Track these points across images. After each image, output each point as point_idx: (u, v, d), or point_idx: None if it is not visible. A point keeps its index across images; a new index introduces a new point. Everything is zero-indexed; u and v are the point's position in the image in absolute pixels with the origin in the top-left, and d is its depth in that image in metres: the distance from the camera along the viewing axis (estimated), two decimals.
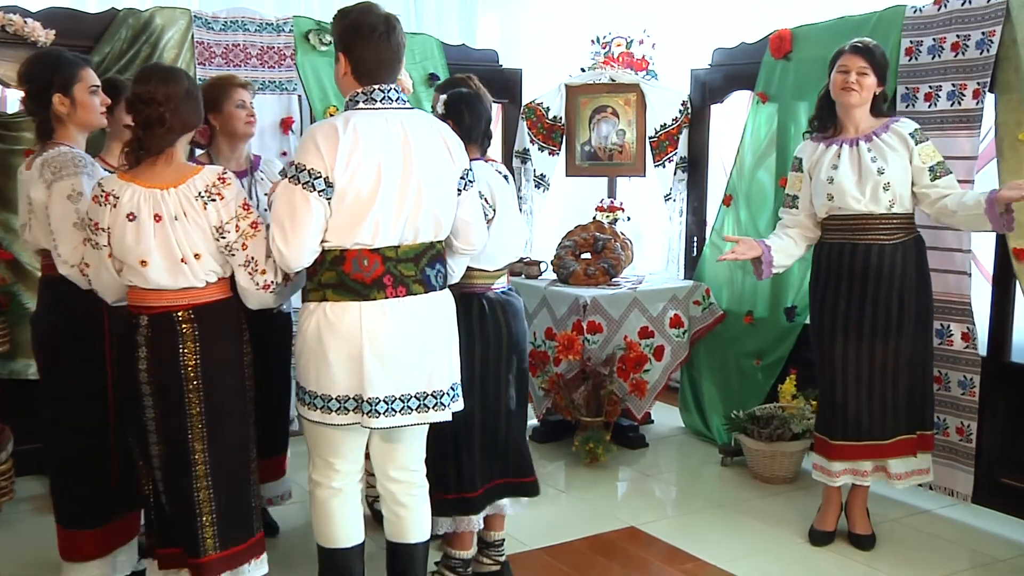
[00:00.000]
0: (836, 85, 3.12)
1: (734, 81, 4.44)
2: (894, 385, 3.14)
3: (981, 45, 3.40)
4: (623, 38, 4.68)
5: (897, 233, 3.12)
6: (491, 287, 2.88)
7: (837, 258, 3.16)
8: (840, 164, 3.14)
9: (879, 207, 3.10)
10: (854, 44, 3.15)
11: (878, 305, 3.11)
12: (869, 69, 3.10)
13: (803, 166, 3.27)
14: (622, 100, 4.64)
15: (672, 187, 4.63)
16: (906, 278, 3.11)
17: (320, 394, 2.38)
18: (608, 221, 4.62)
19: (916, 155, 3.09)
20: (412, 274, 2.38)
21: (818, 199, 3.23)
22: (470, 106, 2.83)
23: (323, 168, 2.26)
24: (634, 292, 4.26)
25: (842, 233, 3.17)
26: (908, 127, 3.13)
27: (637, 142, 4.65)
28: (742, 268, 4.32)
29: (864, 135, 3.16)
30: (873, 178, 3.09)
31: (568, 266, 4.41)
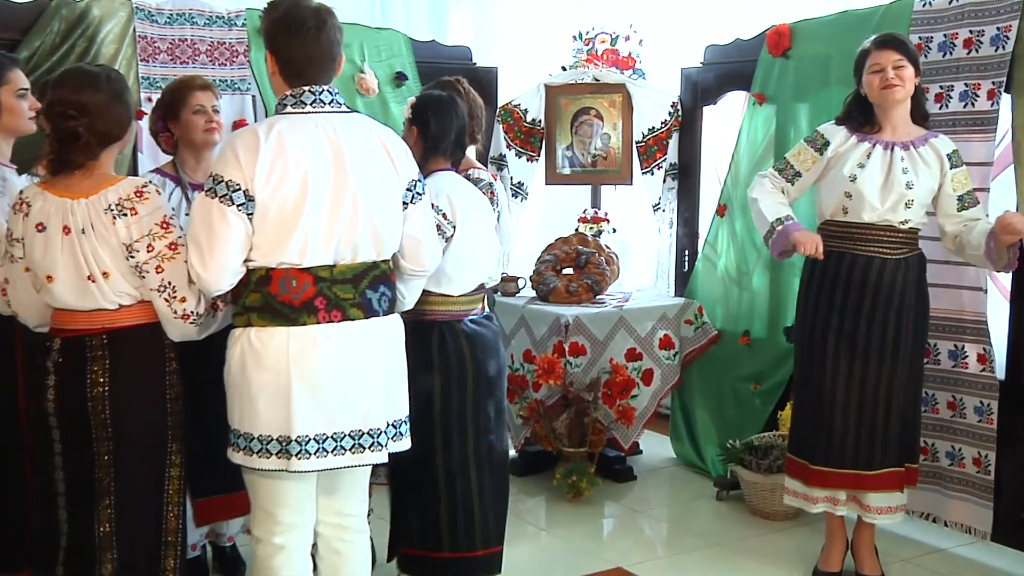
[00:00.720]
0: (874, 87, 3.11)
1: (728, 81, 4.44)
2: (886, 412, 3.14)
3: (996, 41, 3.39)
4: (608, 34, 4.67)
5: (902, 248, 3.14)
6: (455, 315, 2.84)
7: (834, 268, 3.16)
8: (868, 165, 3.12)
9: (894, 220, 3.10)
10: (880, 39, 3.13)
11: (874, 323, 3.11)
12: (905, 60, 3.09)
13: (827, 150, 3.21)
14: (606, 102, 4.64)
15: (661, 196, 4.62)
16: (906, 296, 3.13)
17: (243, 432, 2.31)
18: (592, 233, 4.62)
19: (949, 180, 3.13)
20: (350, 297, 2.33)
21: (830, 196, 3.19)
22: (439, 112, 2.80)
23: (242, 180, 2.22)
24: (620, 311, 4.26)
25: (842, 241, 3.16)
26: (947, 147, 3.16)
27: (623, 147, 4.65)
28: (738, 284, 4.33)
29: (902, 142, 3.15)
30: (899, 190, 3.09)
31: (548, 282, 4.41)
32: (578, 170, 4.73)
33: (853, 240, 3.16)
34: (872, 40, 3.16)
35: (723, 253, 4.37)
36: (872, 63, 3.11)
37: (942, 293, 3.48)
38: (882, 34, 3.18)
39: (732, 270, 4.34)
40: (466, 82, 3.27)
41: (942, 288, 3.47)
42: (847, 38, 3.28)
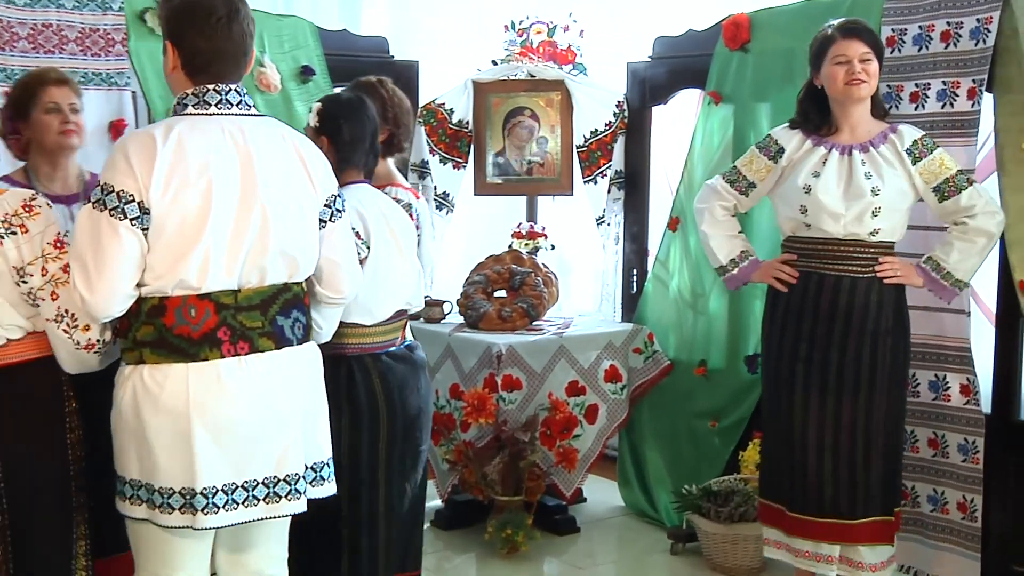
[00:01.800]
0: (837, 81, 3.13)
1: (680, 77, 4.46)
2: (866, 451, 3.16)
3: (976, 35, 3.41)
4: (544, 24, 4.66)
5: (875, 264, 3.16)
6: (369, 348, 2.83)
7: (800, 291, 3.20)
8: (824, 173, 3.14)
9: (861, 231, 3.12)
10: (846, 27, 3.15)
11: (847, 351, 3.14)
12: (872, 54, 3.12)
13: (781, 156, 3.27)
14: (543, 100, 4.65)
15: (606, 208, 4.63)
16: (882, 319, 3.15)
17: (144, 483, 2.27)
18: (527, 251, 4.64)
19: (916, 175, 3.15)
20: (258, 325, 2.30)
21: (786, 210, 3.23)
22: (351, 117, 2.80)
23: (136, 190, 2.18)
24: (560, 339, 4.27)
25: (808, 260, 3.20)
26: (908, 138, 3.18)
27: (562, 152, 4.67)
28: (692, 307, 4.35)
29: (861, 144, 3.17)
30: (864, 199, 3.11)
31: (478, 307, 4.41)
32: (511, 179, 4.75)
33: (819, 258, 3.17)
34: (837, 26, 3.17)
35: (676, 272, 4.38)
36: (836, 53, 3.12)
37: (921, 317, 3.48)
38: (848, 20, 3.19)
39: (686, 291, 4.35)
40: (390, 83, 3.24)
41: (921, 311, 3.47)
42: (812, 30, 3.29)
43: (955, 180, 3.14)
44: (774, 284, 3.26)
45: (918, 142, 3.16)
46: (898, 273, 3.15)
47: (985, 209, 3.13)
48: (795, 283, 3.21)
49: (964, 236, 3.14)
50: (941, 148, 3.18)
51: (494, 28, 4.80)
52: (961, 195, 3.13)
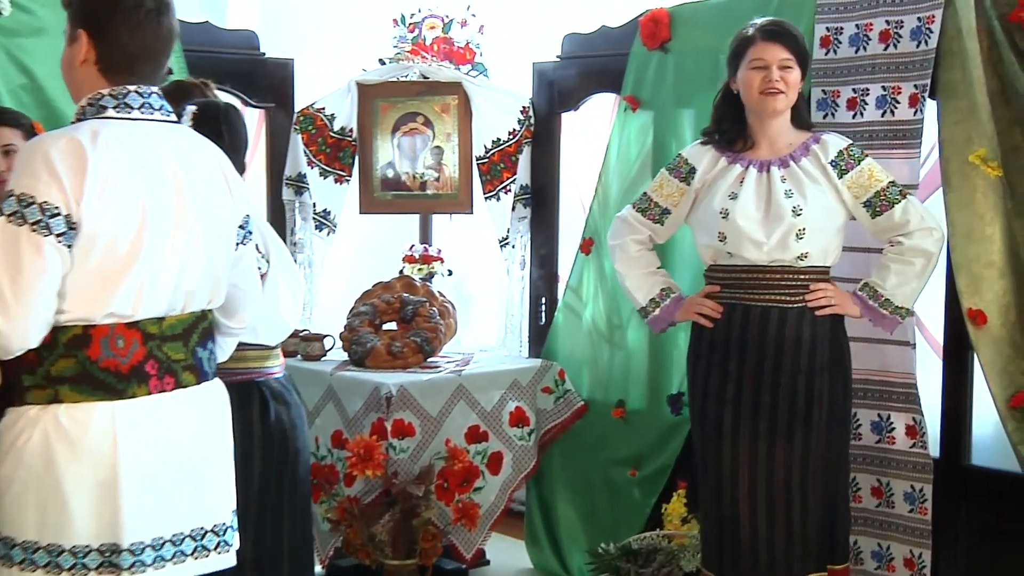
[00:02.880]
0: (752, 88, 3.15)
1: (593, 80, 4.48)
2: (803, 502, 3.17)
3: (917, 35, 3.45)
4: (439, 18, 4.68)
5: (805, 292, 3.18)
6: (270, 371, 2.94)
7: (725, 324, 3.22)
8: (741, 194, 3.16)
9: (787, 257, 3.14)
10: (768, 28, 3.17)
11: (779, 390, 3.16)
12: (794, 61, 3.14)
13: (693, 177, 3.29)
14: (438, 106, 4.66)
15: (510, 228, 4.65)
16: (816, 354, 3.17)
17: (46, 544, 2.19)
18: (421, 277, 4.66)
19: (844, 190, 3.18)
20: (181, 357, 2.31)
21: (704, 236, 3.25)
22: (232, 123, 2.87)
23: (63, 202, 2.12)
24: (459, 377, 4.26)
25: (732, 290, 3.22)
26: (832, 149, 3.20)
27: (460, 165, 4.68)
28: (609, 340, 4.36)
29: (780, 158, 3.20)
30: (785, 220, 3.12)
31: (364, 341, 4.37)
32: (402, 195, 4.75)
33: (743, 288, 3.19)
34: (758, 27, 3.20)
35: (590, 301, 4.38)
36: (754, 57, 3.15)
37: (862, 349, 3.50)
38: (771, 21, 3.22)
39: (602, 323, 4.35)
40: (214, 86, 3.21)
41: (862, 343, 3.49)
42: (739, 27, 3.30)
43: (887, 193, 3.17)
44: (699, 320, 3.26)
45: (844, 152, 3.18)
46: (832, 301, 3.16)
47: (921, 225, 3.16)
48: (719, 317, 3.21)
49: (900, 257, 3.16)
50: (870, 158, 3.22)
51: (381, 22, 4.78)
52: (894, 209, 3.16)
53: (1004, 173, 3.26)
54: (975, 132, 3.32)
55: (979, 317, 3.32)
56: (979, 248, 3.32)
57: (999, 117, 3.27)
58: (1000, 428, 3.32)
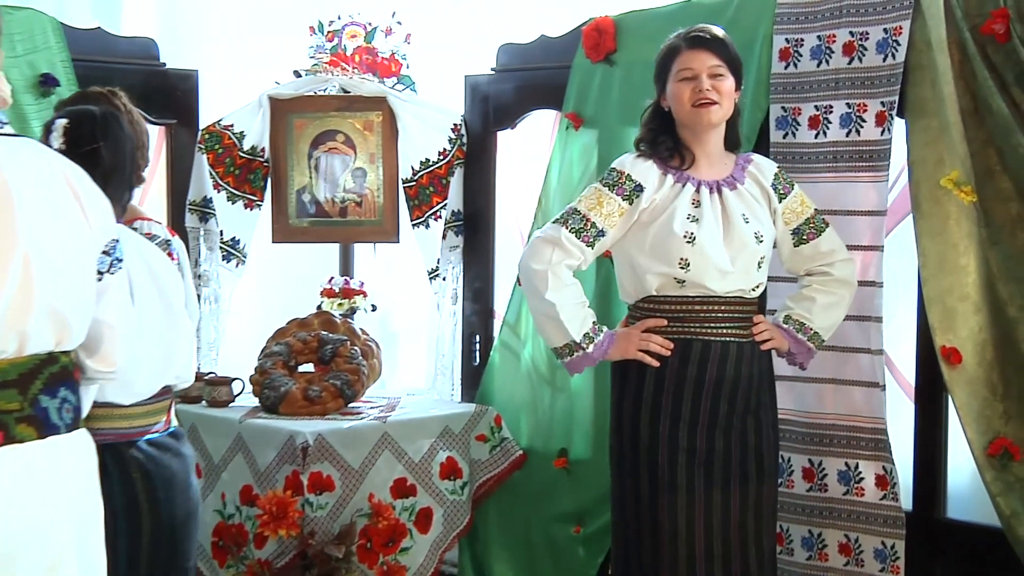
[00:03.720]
0: (683, 101, 3.16)
1: (531, 95, 4.50)
2: (758, 552, 3.20)
3: (884, 48, 3.50)
4: (360, 26, 4.67)
5: (751, 325, 3.23)
6: (126, 434, 2.83)
7: (679, 363, 3.18)
8: (703, 218, 3.14)
9: (746, 287, 3.17)
10: (692, 35, 3.18)
11: (731, 434, 3.17)
12: (725, 68, 3.15)
13: (640, 196, 3.18)
14: (360, 123, 4.66)
15: (440, 258, 4.64)
16: (761, 393, 3.22)
17: None
18: (341, 313, 4.63)
19: (780, 217, 3.24)
20: (15, 407, 2.21)
21: (656, 263, 3.17)
22: (109, 136, 2.81)
23: None
24: (384, 424, 4.23)
25: (683, 324, 3.18)
26: (767, 173, 3.25)
27: (385, 189, 4.68)
28: (550, 382, 4.36)
29: (725, 179, 3.21)
30: (749, 247, 3.14)
31: (278, 385, 4.34)
32: (320, 221, 4.74)
33: (699, 321, 3.16)
34: (682, 35, 3.21)
35: (529, 338, 4.38)
36: (681, 67, 3.16)
37: (828, 392, 3.52)
38: (696, 28, 3.22)
39: (542, 363, 4.35)
40: (124, 96, 3.17)
41: (828, 384, 3.51)
42: None
43: (815, 221, 3.27)
44: (644, 359, 3.17)
45: (779, 175, 3.27)
46: (773, 335, 3.22)
47: (843, 255, 3.28)
48: (668, 355, 3.17)
49: (826, 288, 3.25)
50: (795, 183, 3.30)
51: (297, 30, 4.77)
52: (821, 239, 3.25)
53: (978, 198, 3.30)
54: (947, 153, 3.36)
55: (953, 356, 3.34)
56: (952, 280, 3.36)
57: (972, 137, 3.31)
58: (977, 478, 3.34)
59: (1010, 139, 3.23)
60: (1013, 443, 3.29)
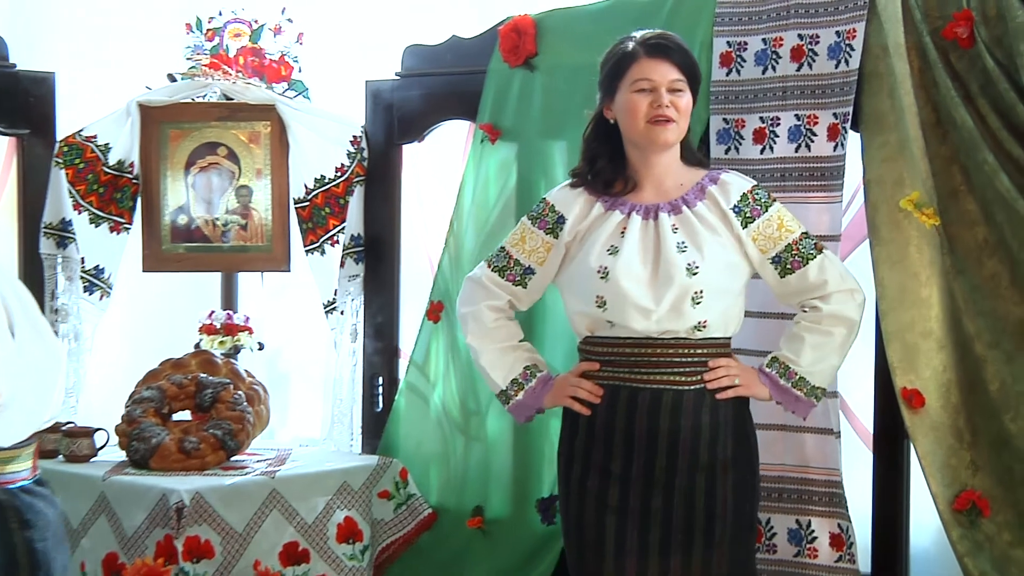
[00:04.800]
0: (638, 115, 3.14)
1: (442, 103, 4.50)
2: None
3: (836, 53, 3.53)
4: (244, 23, 4.65)
5: (703, 370, 3.18)
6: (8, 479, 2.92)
7: (606, 412, 3.20)
8: (624, 248, 3.14)
9: (680, 327, 3.13)
10: (653, 42, 3.16)
11: (674, 493, 3.16)
12: (685, 83, 3.15)
13: (562, 228, 3.23)
14: (245, 134, 4.64)
15: (338, 289, 4.63)
16: (718, 447, 3.17)
17: None
18: (223, 352, 4.62)
19: (749, 242, 3.19)
20: None
21: (577, 302, 3.22)
22: None
23: None
24: (272, 480, 4.20)
25: (614, 368, 3.20)
26: (731, 193, 3.20)
27: (274, 210, 4.67)
28: (463, 430, 4.36)
29: (669, 201, 3.19)
30: (677, 280, 3.11)
31: (149, 436, 4.29)
32: (199, 247, 4.71)
33: (628, 365, 3.17)
34: (640, 40, 3.18)
35: (439, 380, 4.39)
36: (638, 76, 3.14)
37: (775, 440, 3.53)
38: (657, 34, 3.20)
39: (454, 408, 4.36)
40: None
41: (775, 432, 3.53)
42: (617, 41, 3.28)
43: (800, 247, 3.18)
44: (573, 406, 3.22)
45: (748, 196, 3.19)
46: (736, 381, 3.17)
47: (841, 287, 3.18)
48: (599, 402, 3.19)
49: (817, 326, 3.18)
50: (779, 203, 3.24)
51: (171, 28, 4.74)
52: (808, 267, 3.17)
53: (942, 222, 3.34)
54: (907, 172, 3.40)
55: (915, 398, 3.38)
56: (914, 314, 3.40)
57: (935, 154, 3.36)
58: (942, 535, 3.37)
59: (976, 156, 3.28)
60: (982, 496, 3.33)
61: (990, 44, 3.24)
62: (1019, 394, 3.29)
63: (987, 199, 3.30)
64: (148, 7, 5.08)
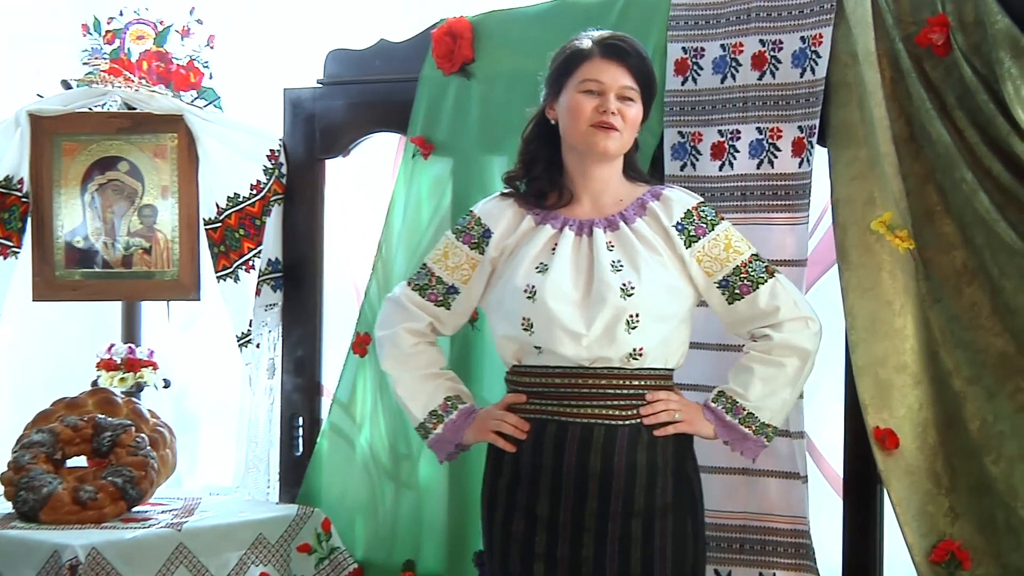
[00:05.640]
0: (579, 116, 3.15)
1: (369, 114, 4.52)
2: None
3: (801, 60, 3.57)
4: (148, 24, 4.64)
5: (639, 403, 3.17)
6: None
7: (531, 449, 3.20)
8: (554, 266, 3.15)
9: (614, 355, 3.13)
10: (610, 42, 3.18)
11: (605, 541, 3.15)
12: (637, 92, 3.16)
13: (488, 243, 3.25)
14: (150, 148, 4.63)
15: (253, 320, 4.62)
16: (656, 490, 3.17)
17: None
18: (124, 390, 4.59)
19: (692, 264, 3.20)
20: None
21: (503, 325, 3.23)
22: None
23: None
24: (179, 533, 4.16)
25: (540, 401, 3.20)
26: (674, 210, 3.22)
27: (182, 232, 4.66)
28: (393, 476, 4.36)
29: (606, 217, 3.21)
30: (610, 302, 3.11)
31: (39, 485, 4.24)
32: (97, 273, 4.70)
33: (557, 397, 3.16)
34: (596, 39, 3.20)
35: (366, 421, 4.40)
36: (587, 76, 3.16)
37: (738, 485, 3.56)
38: (613, 35, 3.23)
39: (383, 452, 4.37)
40: None
41: (738, 476, 3.55)
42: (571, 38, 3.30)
43: (749, 270, 3.20)
44: (497, 442, 3.21)
45: (692, 213, 3.21)
46: (676, 416, 3.17)
47: (794, 314, 3.19)
48: (524, 438, 3.18)
49: (767, 357, 3.19)
50: (727, 222, 3.25)
51: (66, 28, 4.75)
52: (759, 292, 3.19)
53: (916, 245, 3.38)
54: (878, 191, 3.44)
55: (888, 439, 3.41)
56: (887, 346, 3.43)
57: (908, 171, 3.39)
58: None
59: (953, 173, 3.31)
60: (962, 547, 3.36)
61: (967, 52, 3.28)
62: (1001, 434, 3.32)
63: (965, 221, 3.33)
64: (40, 6, 5.07)
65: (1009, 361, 3.31)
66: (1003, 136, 3.22)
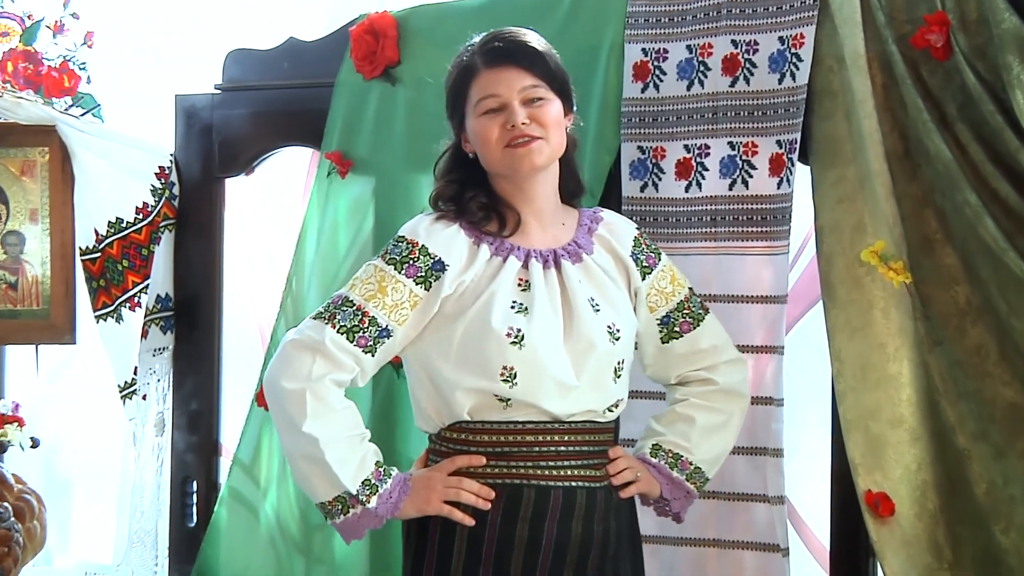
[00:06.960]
0: (490, 141, 3.12)
1: (276, 125, 4.58)
2: None
3: (779, 64, 3.61)
4: (14, 19, 4.70)
5: (604, 462, 3.20)
6: None
7: (503, 520, 3.15)
8: (536, 306, 3.11)
9: (600, 406, 3.14)
10: (491, 46, 3.15)
11: None
12: (544, 87, 3.13)
13: (440, 277, 3.15)
14: (16, 164, 4.71)
15: (139, 367, 4.64)
16: (620, 560, 3.20)
17: None
18: None
19: (643, 301, 3.26)
20: None
21: (471, 375, 3.14)
22: None
23: None
24: None
25: (507, 463, 3.16)
26: (623, 236, 3.27)
27: (54, 263, 4.71)
28: (303, 550, 4.38)
29: (564, 247, 3.20)
30: (599, 350, 3.11)
31: None
32: None
33: (531, 458, 3.14)
34: (477, 48, 3.18)
35: (272, 485, 4.44)
36: (481, 95, 3.13)
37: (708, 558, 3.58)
38: (494, 35, 3.19)
39: (292, 521, 4.40)
40: None
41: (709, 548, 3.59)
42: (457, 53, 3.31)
43: (690, 305, 3.27)
44: (452, 515, 3.12)
45: (640, 241, 3.27)
46: (636, 476, 3.19)
47: (732, 355, 3.29)
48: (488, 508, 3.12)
49: (709, 404, 3.24)
50: (662, 252, 3.28)
51: None
52: (699, 330, 3.25)
53: (913, 279, 3.39)
54: (869, 216, 3.47)
55: (882, 505, 3.43)
56: (880, 396, 3.45)
57: (904, 193, 3.42)
58: None
59: (955, 196, 3.33)
60: None
61: (970, 55, 3.30)
62: (1011, 498, 3.33)
63: (969, 250, 3.34)
64: None
65: (1020, 414, 3.32)
66: (1011, 152, 3.24)
